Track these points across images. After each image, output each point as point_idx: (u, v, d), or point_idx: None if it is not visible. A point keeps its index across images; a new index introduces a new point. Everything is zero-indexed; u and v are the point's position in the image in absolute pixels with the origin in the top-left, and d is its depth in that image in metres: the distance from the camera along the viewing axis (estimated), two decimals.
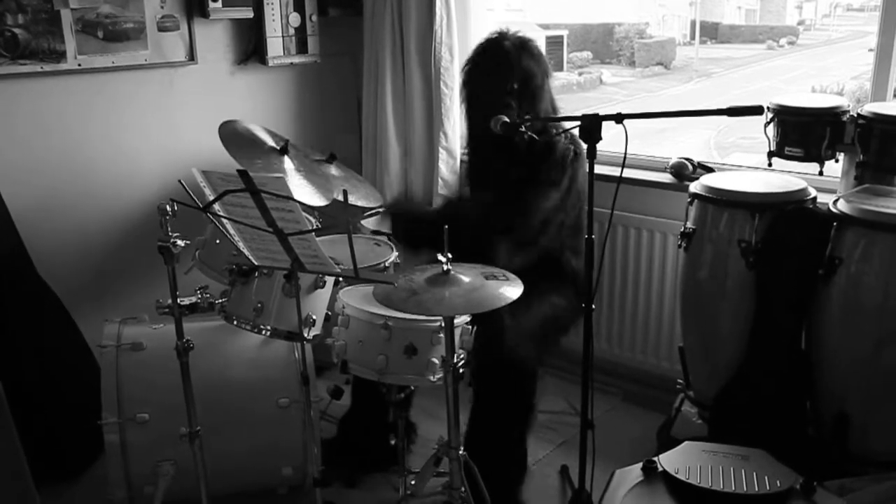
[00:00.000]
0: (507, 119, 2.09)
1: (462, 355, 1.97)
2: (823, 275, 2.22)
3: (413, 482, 2.30)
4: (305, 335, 2.03)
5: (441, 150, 3.20)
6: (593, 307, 1.96)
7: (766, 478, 1.77)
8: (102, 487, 2.27)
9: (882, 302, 2.11)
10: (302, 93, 3.45)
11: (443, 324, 1.94)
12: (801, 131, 2.40)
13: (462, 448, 2.01)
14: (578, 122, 1.87)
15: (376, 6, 3.22)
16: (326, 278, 2.10)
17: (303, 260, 1.81)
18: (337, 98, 3.57)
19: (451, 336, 1.90)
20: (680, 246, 2.53)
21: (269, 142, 2.66)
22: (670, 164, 2.96)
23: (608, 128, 1.86)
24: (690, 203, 2.49)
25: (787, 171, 2.54)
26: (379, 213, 2.59)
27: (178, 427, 2.03)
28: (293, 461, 2.36)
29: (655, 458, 1.86)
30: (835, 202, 2.25)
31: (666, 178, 2.96)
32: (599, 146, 1.87)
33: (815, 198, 2.36)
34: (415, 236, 2.47)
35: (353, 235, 1.69)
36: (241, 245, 1.86)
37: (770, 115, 2.43)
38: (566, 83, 5.10)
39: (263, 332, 2.07)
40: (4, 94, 2.66)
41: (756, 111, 1.78)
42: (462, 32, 3.20)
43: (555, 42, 4.75)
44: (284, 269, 1.89)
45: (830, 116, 2.36)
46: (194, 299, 2.01)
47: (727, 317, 2.42)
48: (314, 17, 3.26)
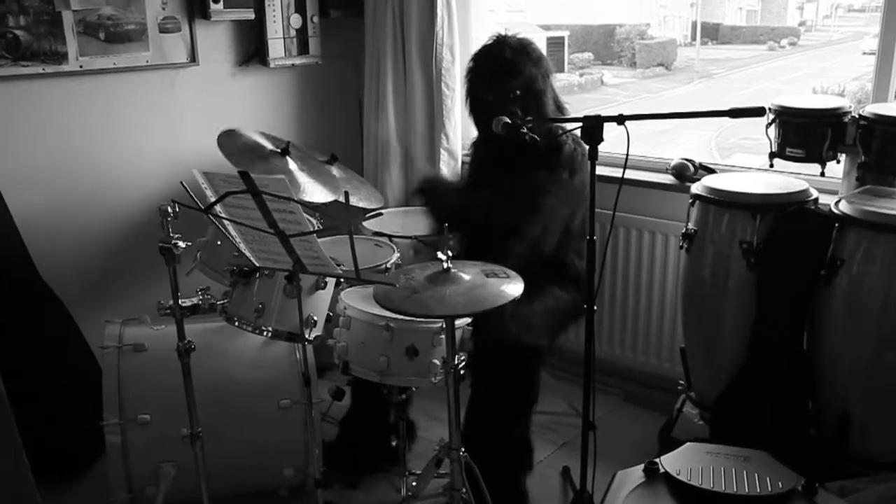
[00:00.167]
0: (508, 120, 2.09)
1: (463, 357, 1.97)
2: (825, 276, 2.22)
3: (414, 483, 2.30)
4: (307, 336, 2.03)
5: (442, 151, 3.21)
6: (595, 308, 1.96)
7: (768, 479, 1.76)
8: (104, 488, 2.27)
9: (883, 303, 2.11)
10: (303, 94, 3.45)
11: (444, 325, 1.94)
12: (803, 132, 2.40)
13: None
14: (580, 124, 1.87)
15: (377, 7, 3.22)
16: (328, 279, 2.10)
17: (304, 261, 1.81)
18: (338, 99, 3.57)
19: (452, 337, 1.90)
20: (681, 247, 2.53)
21: (269, 146, 2.66)
22: (672, 165, 2.96)
23: (609, 129, 1.85)
24: (692, 204, 2.49)
25: (789, 172, 2.54)
26: (381, 214, 2.59)
27: (179, 428, 2.04)
28: (294, 462, 2.36)
29: (657, 460, 1.86)
30: (836, 203, 2.24)
31: (667, 179, 2.96)
32: (601, 147, 1.87)
33: (816, 199, 2.36)
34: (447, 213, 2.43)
35: (354, 236, 1.69)
36: (242, 246, 1.86)
37: (771, 117, 2.43)
38: (567, 84, 5.09)
39: (265, 333, 2.07)
40: (6, 95, 2.66)
41: (757, 112, 1.78)
42: (463, 33, 3.20)
43: (556, 43, 4.75)
44: (286, 270, 1.89)
45: (832, 117, 2.36)
46: (195, 300, 2.01)
47: (729, 318, 2.42)
48: (315, 19, 3.26)
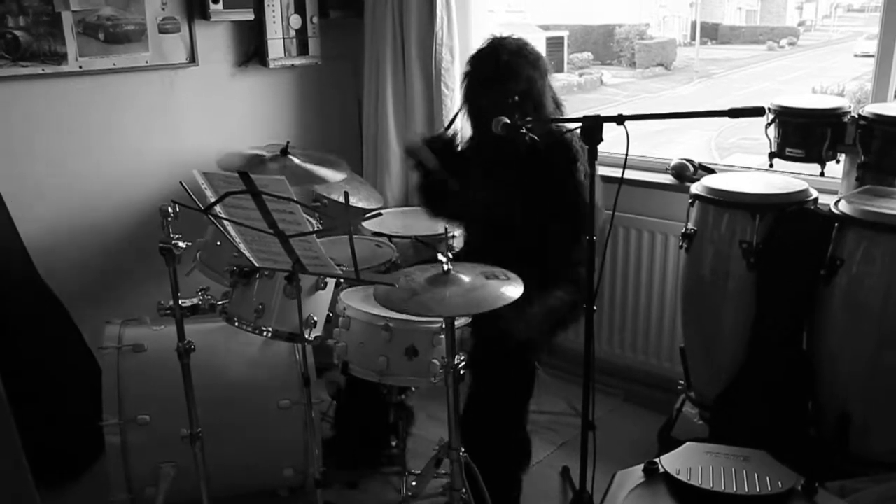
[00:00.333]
0: (507, 120, 2.08)
1: (462, 357, 1.97)
2: (825, 276, 2.22)
3: (414, 483, 2.30)
4: (306, 336, 2.03)
5: None
6: (595, 308, 1.96)
7: (768, 479, 1.76)
8: (103, 489, 2.27)
9: (883, 303, 2.11)
10: (303, 94, 3.45)
11: (443, 325, 1.94)
12: (802, 132, 2.40)
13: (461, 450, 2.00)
14: (580, 124, 1.87)
15: (377, 8, 3.22)
16: (327, 280, 2.10)
17: (304, 261, 1.81)
18: (337, 99, 3.57)
19: (452, 337, 1.90)
20: (681, 247, 2.53)
21: (266, 154, 2.67)
22: (671, 165, 2.96)
23: (609, 129, 1.85)
24: (691, 204, 2.49)
25: (789, 172, 2.54)
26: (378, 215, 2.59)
27: (179, 428, 2.04)
28: (294, 462, 2.36)
29: (657, 460, 1.86)
30: (836, 203, 2.24)
31: (667, 179, 2.96)
32: (600, 147, 1.87)
33: (816, 199, 2.36)
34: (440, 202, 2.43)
35: (353, 237, 1.69)
36: (242, 247, 1.86)
37: (771, 116, 2.43)
38: (567, 84, 5.10)
39: (264, 333, 2.07)
40: (5, 96, 2.66)
41: (757, 112, 1.78)
42: (463, 34, 3.20)
43: (555, 43, 4.75)
44: (286, 270, 1.89)
45: (831, 117, 2.36)
46: (195, 301, 2.01)
47: (728, 318, 2.42)
48: (315, 19, 3.26)
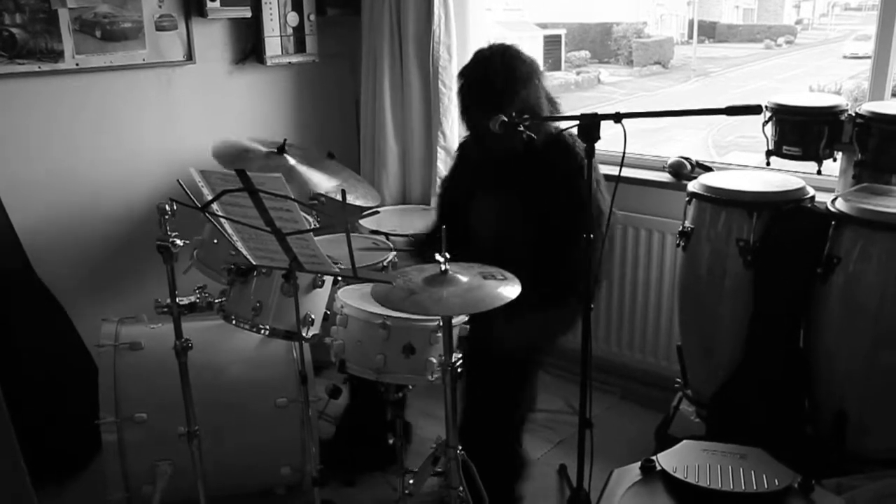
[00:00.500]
0: (505, 118, 2.08)
1: (459, 356, 1.97)
2: (821, 274, 2.22)
3: (411, 481, 2.30)
4: (304, 334, 2.03)
5: (439, 149, 3.20)
6: (592, 306, 1.96)
7: (764, 476, 1.77)
8: (100, 487, 2.26)
9: (880, 301, 2.11)
10: (300, 92, 3.45)
11: (441, 323, 1.94)
12: (800, 130, 2.40)
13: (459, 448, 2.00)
14: (577, 122, 1.87)
15: (375, 5, 3.22)
16: (325, 278, 2.10)
17: (301, 259, 1.80)
18: (335, 97, 3.57)
19: (449, 336, 1.90)
20: (678, 245, 2.53)
21: (263, 149, 2.67)
22: (668, 163, 2.96)
23: (606, 127, 1.85)
24: (689, 202, 2.49)
25: (786, 170, 2.54)
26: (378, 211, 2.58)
27: (176, 426, 2.04)
28: (291, 461, 2.36)
29: (654, 457, 1.86)
30: (833, 201, 2.25)
31: (664, 177, 2.96)
32: (598, 145, 1.87)
33: (813, 197, 2.36)
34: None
35: (351, 235, 1.69)
36: (239, 245, 1.86)
37: (768, 115, 2.43)
38: (564, 82, 5.09)
39: (262, 331, 2.06)
40: (2, 93, 2.65)
41: (754, 110, 1.78)
42: (460, 32, 3.19)
43: (553, 41, 4.74)
44: (283, 268, 1.89)
45: (828, 115, 2.36)
46: (193, 299, 2.01)
47: (725, 316, 2.42)
48: (312, 17, 3.26)
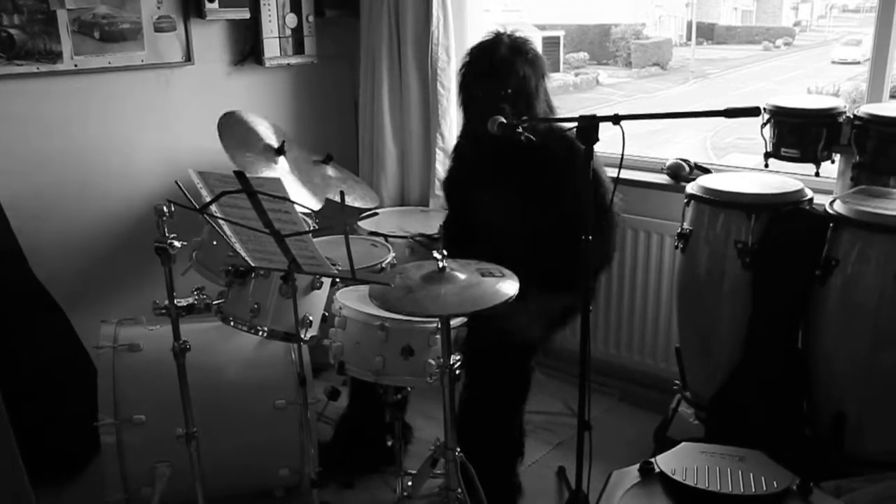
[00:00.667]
0: (503, 120, 2.08)
1: (458, 357, 1.97)
2: (820, 276, 2.22)
3: (410, 483, 2.30)
4: (302, 336, 2.03)
5: (438, 151, 3.21)
6: (591, 308, 1.96)
7: (763, 478, 1.77)
8: (99, 489, 2.26)
9: (878, 302, 2.11)
10: (298, 94, 3.45)
11: (439, 325, 1.94)
12: (798, 132, 2.40)
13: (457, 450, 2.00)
14: (576, 123, 1.87)
15: (373, 7, 3.22)
16: (323, 279, 2.10)
17: (300, 261, 1.80)
18: (334, 99, 3.57)
19: (448, 337, 1.90)
20: (676, 247, 2.53)
21: (266, 138, 2.65)
22: (667, 165, 2.96)
23: (605, 129, 1.85)
24: (687, 204, 2.49)
25: (784, 172, 2.54)
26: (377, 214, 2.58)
27: (174, 428, 2.03)
28: (290, 462, 2.36)
29: (652, 459, 1.86)
30: (831, 203, 2.25)
31: (662, 179, 2.96)
32: (596, 147, 1.87)
33: (811, 199, 2.36)
34: None
35: (349, 236, 1.69)
36: (237, 246, 1.86)
37: (767, 117, 2.44)
38: (563, 84, 5.10)
39: (260, 333, 2.06)
40: (0, 94, 2.65)
41: (753, 112, 1.78)
42: (459, 33, 3.20)
43: (551, 43, 4.75)
44: (281, 270, 1.89)
45: (827, 118, 2.36)
46: (191, 300, 2.00)
47: (724, 317, 2.42)
48: (311, 18, 3.26)
